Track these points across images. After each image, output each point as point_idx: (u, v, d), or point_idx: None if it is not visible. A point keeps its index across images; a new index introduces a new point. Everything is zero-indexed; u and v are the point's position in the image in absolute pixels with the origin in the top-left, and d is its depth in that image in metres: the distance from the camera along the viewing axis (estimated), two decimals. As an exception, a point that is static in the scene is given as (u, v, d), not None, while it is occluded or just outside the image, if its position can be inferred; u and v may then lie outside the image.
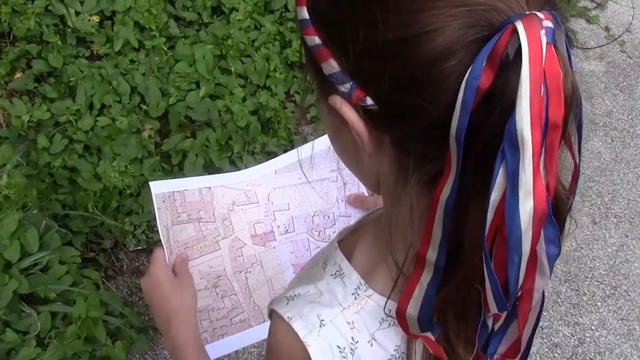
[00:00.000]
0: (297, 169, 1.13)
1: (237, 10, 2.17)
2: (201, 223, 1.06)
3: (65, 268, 1.51)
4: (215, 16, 2.21)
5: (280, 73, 2.09)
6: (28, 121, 1.79)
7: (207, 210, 1.07)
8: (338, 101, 0.49)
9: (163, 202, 1.05)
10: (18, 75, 1.91)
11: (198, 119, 1.93)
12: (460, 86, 0.41)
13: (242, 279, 1.05)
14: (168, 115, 1.95)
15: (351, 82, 0.48)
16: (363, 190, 1.14)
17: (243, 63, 2.09)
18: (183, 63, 2.02)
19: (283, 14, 2.25)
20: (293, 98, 2.14)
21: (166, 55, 2.02)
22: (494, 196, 0.42)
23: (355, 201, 1.13)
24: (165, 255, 1.00)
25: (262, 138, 1.99)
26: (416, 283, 0.51)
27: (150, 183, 1.06)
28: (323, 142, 1.16)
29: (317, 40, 0.48)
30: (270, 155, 2.00)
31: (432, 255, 0.48)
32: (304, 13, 0.49)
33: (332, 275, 0.62)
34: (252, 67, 2.08)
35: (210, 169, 1.89)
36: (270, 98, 2.03)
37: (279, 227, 1.09)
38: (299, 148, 1.16)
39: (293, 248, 1.09)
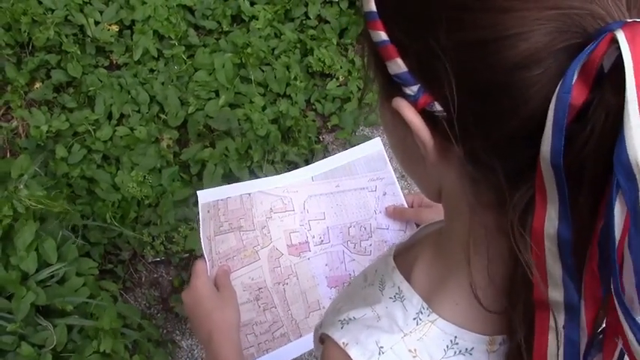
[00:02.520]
0: (334, 177, 1.09)
1: (257, 19, 2.14)
2: (241, 232, 1.03)
3: (82, 280, 1.48)
4: (235, 25, 2.18)
5: (301, 82, 2.05)
6: (47, 132, 1.78)
7: (247, 218, 1.04)
8: (402, 105, 0.44)
9: (208, 212, 1.03)
10: (37, 85, 1.90)
11: (217, 128, 1.90)
12: (542, 98, 0.37)
13: (280, 291, 1.02)
14: (187, 125, 1.93)
15: (418, 85, 0.43)
16: (403, 201, 1.10)
17: (263, 71, 2.06)
18: (202, 72, 1.99)
19: (304, 22, 2.22)
20: (314, 107, 2.11)
21: (186, 63, 2.00)
22: (616, 234, 0.37)
23: (394, 213, 1.08)
24: (207, 267, 0.97)
25: (282, 147, 1.96)
26: (545, 331, 0.44)
27: (198, 192, 1.05)
28: (362, 150, 1.13)
29: (383, 35, 0.44)
30: (291, 165, 1.96)
31: (556, 295, 0.42)
32: (371, 5, 0.45)
33: (391, 298, 0.56)
34: (272, 76, 2.05)
35: (229, 178, 1.85)
36: (290, 107, 2.00)
37: (314, 237, 1.06)
38: (339, 154, 1.12)
39: (327, 260, 1.05)
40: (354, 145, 1.14)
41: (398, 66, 0.44)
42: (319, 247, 1.05)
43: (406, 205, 1.09)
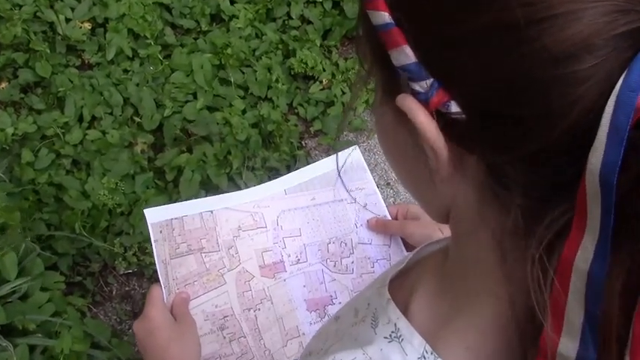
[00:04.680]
0: (309, 189, 1.00)
1: (238, 18, 2.06)
2: (203, 254, 0.93)
3: (47, 295, 1.38)
4: (214, 24, 2.09)
5: (283, 84, 1.97)
6: (13, 134, 1.67)
7: (210, 238, 0.94)
8: (410, 104, 0.36)
9: (160, 232, 0.93)
10: (3, 85, 1.80)
11: (195, 132, 1.81)
12: (595, 98, 0.29)
13: (251, 318, 0.91)
14: (162, 128, 1.83)
15: (431, 79, 0.34)
16: (386, 212, 1.01)
17: (243, 73, 1.97)
18: (179, 73, 1.90)
19: (286, 22, 2.14)
20: (296, 111, 2.02)
21: (162, 64, 1.90)
22: None
23: (377, 225, 0.99)
24: (164, 295, 0.87)
25: (263, 153, 1.87)
26: None
27: (145, 211, 0.93)
28: (339, 159, 1.04)
29: (387, 17, 0.35)
30: (272, 171, 1.87)
31: (567, 346, 0.33)
32: None
33: (386, 338, 0.46)
34: (253, 78, 1.97)
35: (207, 186, 1.76)
36: (271, 110, 1.91)
37: (289, 256, 0.96)
38: (313, 165, 1.03)
39: (305, 281, 0.95)
40: (338, 151, 1.05)
41: (405, 55, 0.35)
42: (295, 266, 0.96)
43: (389, 218, 1.01)
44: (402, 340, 0.45)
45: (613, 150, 0.28)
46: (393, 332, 0.46)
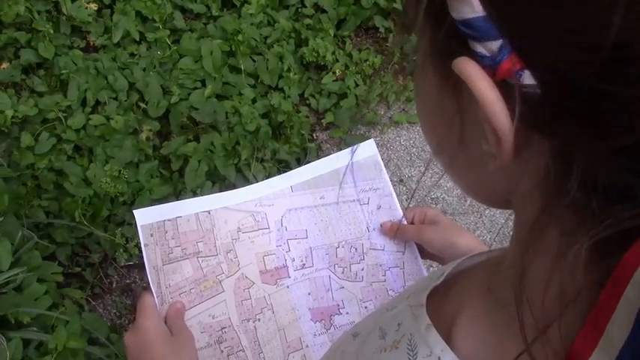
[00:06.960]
0: (318, 187, 0.92)
1: (250, 4, 1.98)
2: (200, 259, 0.85)
3: (44, 287, 1.31)
4: (225, 10, 2.02)
5: (294, 74, 1.89)
6: (12, 117, 1.60)
7: (208, 241, 0.86)
8: (470, 69, 0.28)
9: (151, 235, 0.84)
10: (4, 65, 1.72)
11: (202, 121, 1.74)
12: None
13: (250, 329, 0.83)
14: (169, 116, 1.76)
15: (501, 40, 0.27)
16: (401, 216, 0.93)
17: (254, 61, 1.90)
18: (188, 59, 1.83)
19: (299, 10, 2.07)
20: (307, 102, 1.95)
21: (170, 49, 1.83)
22: None
23: (391, 230, 0.90)
24: (156, 304, 0.79)
25: (273, 144, 1.80)
26: None
27: (134, 212, 0.84)
28: (352, 155, 0.95)
29: None
30: (281, 164, 1.80)
31: None
32: None
33: None
34: (264, 66, 1.89)
35: (213, 177, 1.69)
36: (282, 101, 1.84)
37: (294, 260, 0.88)
38: (323, 159, 0.94)
39: (310, 288, 0.87)
40: (350, 145, 0.97)
41: (470, 7, 0.27)
42: (300, 272, 0.88)
43: (405, 222, 0.92)
44: None
45: None
46: None
